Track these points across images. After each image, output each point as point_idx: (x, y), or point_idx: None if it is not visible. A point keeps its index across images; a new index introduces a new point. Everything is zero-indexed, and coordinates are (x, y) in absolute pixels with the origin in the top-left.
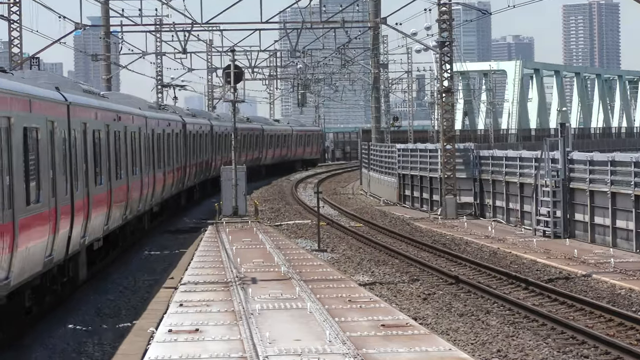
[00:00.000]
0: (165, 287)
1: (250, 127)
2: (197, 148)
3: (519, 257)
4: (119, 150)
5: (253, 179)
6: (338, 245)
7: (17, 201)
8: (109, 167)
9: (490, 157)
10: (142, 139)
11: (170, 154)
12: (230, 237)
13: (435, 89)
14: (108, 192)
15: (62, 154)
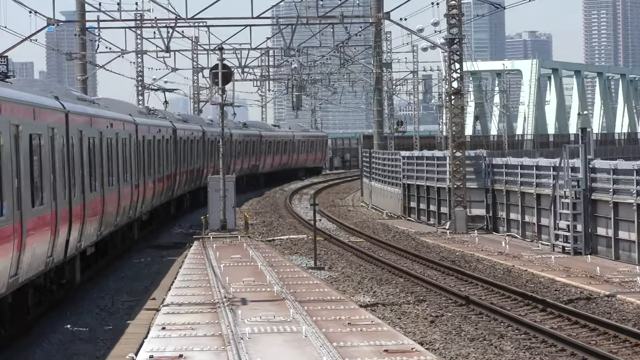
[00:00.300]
0: (147, 308)
1: (247, 133)
2: (188, 155)
3: (536, 276)
4: (111, 157)
5: (250, 188)
6: (337, 262)
7: (25, 203)
8: (102, 174)
9: (503, 165)
10: (133, 145)
11: (160, 161)
12: (218, 253)
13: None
14: (101, 199)
15: (62, 159)
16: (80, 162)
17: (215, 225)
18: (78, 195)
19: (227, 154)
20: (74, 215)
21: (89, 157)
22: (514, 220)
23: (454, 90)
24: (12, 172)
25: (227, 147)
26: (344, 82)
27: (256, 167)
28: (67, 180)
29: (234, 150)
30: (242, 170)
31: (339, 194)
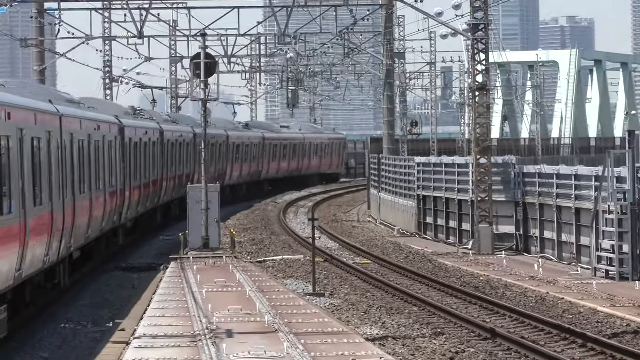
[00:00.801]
0: (114, 341)
1: (248, 136)
2: (177, 159)
3: (574, 305)
4: (98, 160)
5: (253, 196)
6: (339, 287)
7: (28, 203)
8: (91, 177)
9: (537, 174)
10: (119, 148)
11: (146, 165)
12: (199, 276)
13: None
14: (89, 202)
15: (57, 162)
16: (71, 165)
17: (196, 243)
18: (70, 197)
19: (223, 158)
20: (66, 216)
21: (79, 160)
22: (548, 239)
23: (478, 85)
24: (18, 173)
25: (222, 150)
26: (349, 75)
27: (258, 173)
28: (62, 182)
29: (231, 154)
30: (241, 177)
31: (342, 207)
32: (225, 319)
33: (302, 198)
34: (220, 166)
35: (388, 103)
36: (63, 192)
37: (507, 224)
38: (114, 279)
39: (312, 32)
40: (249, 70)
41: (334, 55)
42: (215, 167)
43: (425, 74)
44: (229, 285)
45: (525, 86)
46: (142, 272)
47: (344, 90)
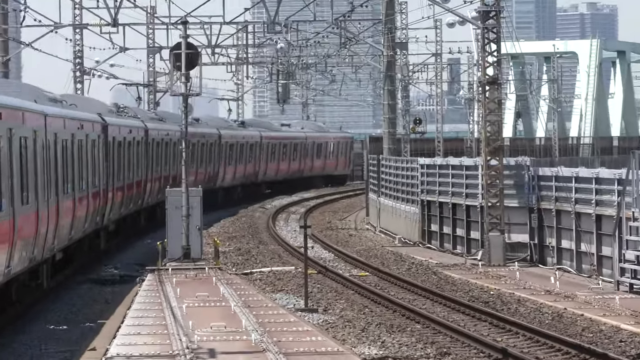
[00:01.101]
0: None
1: (243, 135)
2: (162, 159)
3: (595, 322)
4: (82, 159)
5: (249, 199)
6: (334, 302)
7: (16, 201)
8: (74, 177)
9: (553, 177)
10: (102, 147)
11: (130, 165)
12: (179, 290)
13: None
14: (73, 202)
15: (42, 161)
16: (55, 164)
17: (175, 253)
18: (54, 197)
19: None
20: (51, 216)
21: (62, 159)
22: (566, 249)
23: (488, 78)
24: (8, 172)
25: (214, 150)
26: (345, 68)
27: (255, 174)
28: (47, 181)
29: (224, 155)
30: (235, 178)
31: (338, 213)
32: (207, 337)
33: (293, 203)
34: (212, 167)
35: (389, 98)
36: (48, 191)
37: (520, 232)
38: (84, 293)
39: (305, 19)
40: (235, 62)
41: (329, 46)
42: (205, 169)
43: (430, 66)
44: (212, 299)
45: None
46: (115, 285)
47: (340, 84)
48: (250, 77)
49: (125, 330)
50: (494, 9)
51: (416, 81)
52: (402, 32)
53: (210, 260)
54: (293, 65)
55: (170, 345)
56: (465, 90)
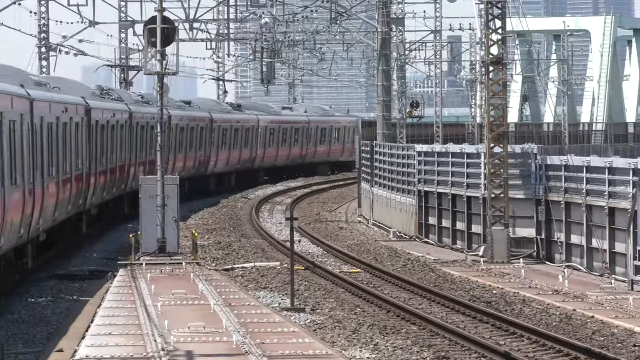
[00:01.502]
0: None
1: (237, 118)
2: (147, 143)
3: (606, 325)
4: (65, 142)
5: (244, 185)
6: (323, 301)
7: (6, 181)
8: (57, 159)
9: (562, 166)
10: (84, 131)
11: (113, 148)
12: (154, 286)
13: (478, 58)
14: (56, 183)
15: (28, 144)
16: (41, 147)
17: (150, 246)
18: (39, 178)
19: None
20: (36, 196)
21: (48, 143)
22: (575, 244)
23: (492, 58)
24: None
25: (205, 135)
26: (336, 45)
27: (251, 160)
28: (33, 163)
29: (216, 139)
30: (229, 164)
31: (327, 204)
32: (184, 338)
33: (278, 193)
34: (202, 152)
35: (383, 79)
36: (34, 173)
37: (526, 226)
38: (49, 289)
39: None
40: (215, 39)
41: (318, 21)
42: (195, 153)
43: (429, 44)
44: (190, 297)
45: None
46: (84, 281)
47: (330, 63)
48: (232, 55)
49: (95, 330)
50: None
51: (413, 60)
52: (398, 6)
53: (188, 255)
54: (279, 42)
55: (144, 346)
56: (467, 71)
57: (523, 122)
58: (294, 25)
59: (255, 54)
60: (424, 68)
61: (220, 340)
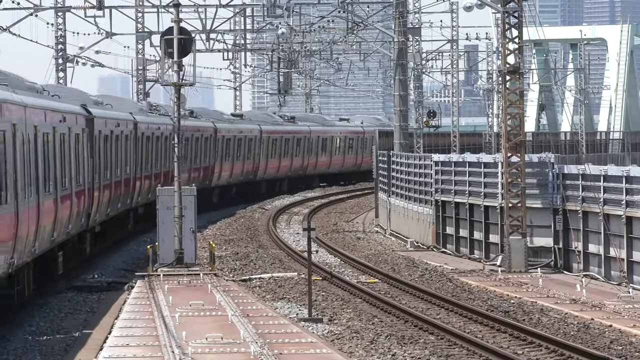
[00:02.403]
0: None
1: (240, 129)
2: (153, 155)
3: (625, 334)
4: (64, 155)
5: (248, 199)
6: (340, 312)
7: (41, 192)
8: (55, 174)
9: (580, 175)
10: (86, 142)
11: (117, 161)
12: (172, 297)
13: (495, 68)
14: (55, 200)
15: (22, 157)
16: (35, 159)
17: (167, 257)
18: (34, 195)
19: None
20: (31, 216)
21: (43, 155)
22: (593, 254)
23: (509, 67)
24: None
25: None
26: (353, 55)
27: (254, 172)
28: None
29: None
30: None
31: (344, 214)
32: (202, 349)
33: (296, 203)
34: (207, 164)
35: (400, 89)
36: (27, 190)
37: (543, 235)
38: (67, 301)
39: (309, 2)
40: (232, 49)
41: (334, 31)
42: (200, 165)
43: (445, 53)
44: (207, 308)
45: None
46: (102, 292)
47: (347, 73)
48: (249, 65)
49: (113, 341)
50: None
51: (430, 70)
52: (415, 16)
53: (205, 266)
54: (295, 53)
55: (162, 357)
56: (484, 80)
57: (540, 132)
58: (310, 36)
59: (272, 64)
60: (440, 78)
61: (238, 351)
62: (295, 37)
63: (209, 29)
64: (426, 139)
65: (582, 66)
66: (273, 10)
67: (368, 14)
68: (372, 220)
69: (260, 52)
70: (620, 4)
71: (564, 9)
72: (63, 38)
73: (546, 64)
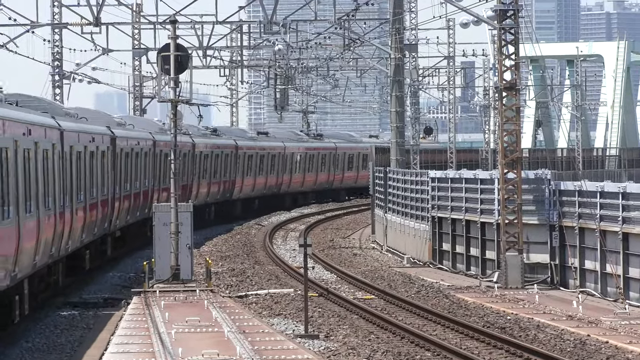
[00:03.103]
0: None
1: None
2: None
3: (621, 350)
4: (139, 166)
5: (225, 219)
6: (337, 328)
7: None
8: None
9: (576, 192)
10: (151, 158)
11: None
12: (168, 314)
13: (491, 84)
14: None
15: (113, 168)
16: (120, 170)
17: (163, 274)
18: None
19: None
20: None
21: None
22: (590, 270)
23: (506, 84)
24: None
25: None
26: (349, 72)
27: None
28: (114, 180)
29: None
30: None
31: (341, 231)
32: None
33: (292, 220)
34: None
35: (396, 105)
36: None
37: (540, 251)
38: (63, 317)
39: (305, 19)
40: (229, 65)
41: (331, 48)
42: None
43: (442, 70)
44: (204, 324)
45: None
46: (98, 309)
47: (344, 89)
48: (246, 82)
49: (109, 357)
50: (512, 7)
51: (426, 86)
52: (412, 32)
53: (202, 282)
54: (292, 69)
55: None
56: (480, 96)
57: (537, 148)
58: (307, 52)
59: (269, 80)
60: (437, 94)
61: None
62: (292, 53)
63: (205, 46)
64: (423, 155)
65: (579, 82)
66: (270, 27)
67: (365, 30)
68: (369, 236)
69: (257, 68)
70: (617, 21)
71: (561, 25)
72: (59, 55)
73: (543, 81)
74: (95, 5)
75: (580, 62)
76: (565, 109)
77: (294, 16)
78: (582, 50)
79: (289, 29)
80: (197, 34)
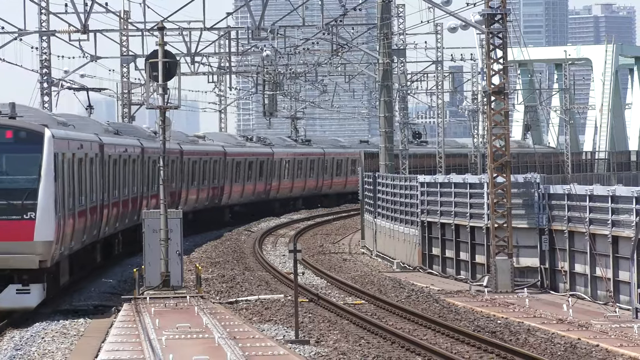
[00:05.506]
0: None
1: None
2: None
3: (611, 354)
4: (127, 173)
5: (216, 226)
6: (327, 333)
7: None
8: (116, 186)
9: (565, 195)
10: (139, 164)
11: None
12: (158, 320)
13: (480, 88)
14: (116, 203)
15: (101, 174)
16: (108, 177)
17: (153, 280)
18: (107, 199)
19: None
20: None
21: (114, 174)
22: (579, 273)
23: (494, 88)
24: None
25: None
26: (338, 77)
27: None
28: (102, 188)
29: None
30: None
31: (331, 236)
32: None
33: (282, 225)
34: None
35: (385, 110)
36: (102, 195)
37: (529, 255)
38: (53, 325)
39: (293, 24)
40: (217, 72)
41: (319, 53)
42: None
43: (430, 75)
44: (194, 331)
45: (552, 89)
46: (88, 316)
47: (332, 95)
48: (234, 88)
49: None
50: (500, 12)
51: (415, 91)
52: (400, 37)
53: (192, 288)
54: (280, 75)
55: None
56: (469, 101)
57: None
58: (295, 58)
59: (257, 86)
60: (425, 99)
61: None
62: (280, 59)
63: (193, 52)
64: (412, 160)
65: (567, 86)
66: (258, 33)
67: (352, 35)
68: (359, 241)
69: (245, 74)
70: (605, 24)
71: (549, 29)
72: (48, 62)
73: (531, 85)
74: (83, 13)
75: (569, 66)
76: (554, 113)
77: (281, 22)
78: (570, 54)
79: (276, 35)
80: (185, 41)
